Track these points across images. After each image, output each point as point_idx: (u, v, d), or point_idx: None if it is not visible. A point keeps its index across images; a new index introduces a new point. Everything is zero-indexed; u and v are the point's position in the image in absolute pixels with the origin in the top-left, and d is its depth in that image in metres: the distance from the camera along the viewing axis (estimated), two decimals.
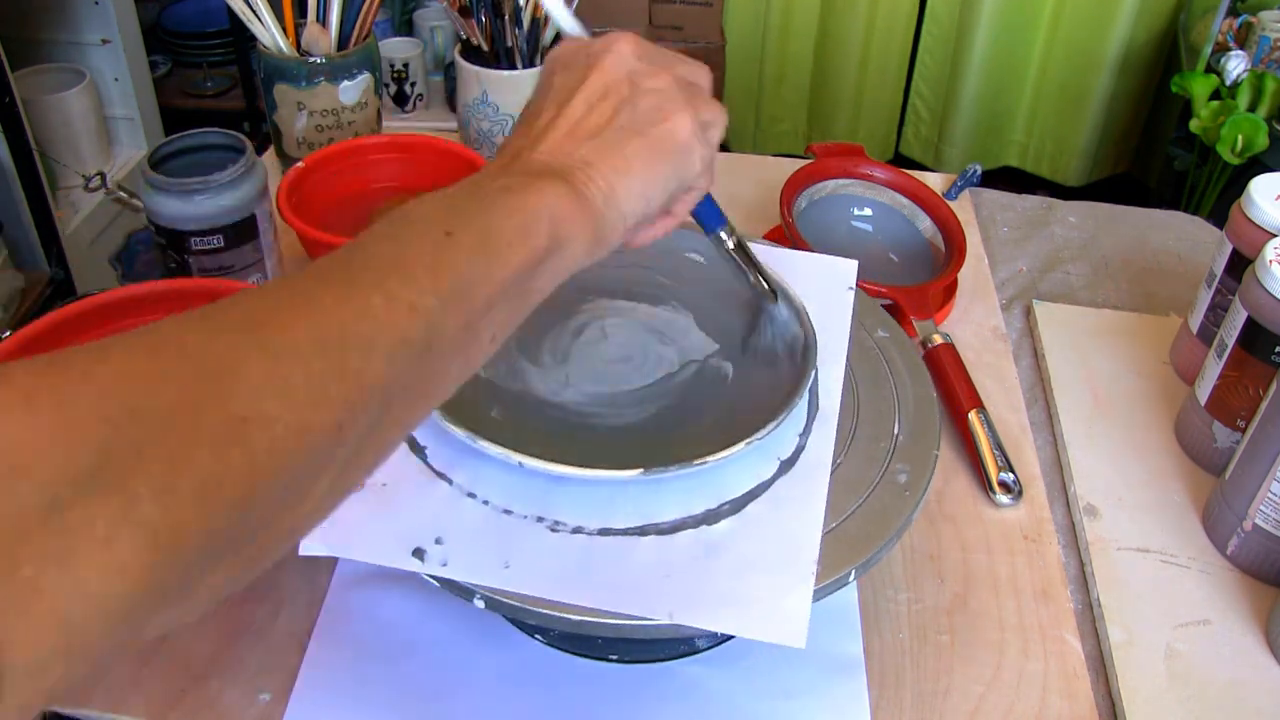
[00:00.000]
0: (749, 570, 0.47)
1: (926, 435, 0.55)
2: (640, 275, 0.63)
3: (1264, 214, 0.67)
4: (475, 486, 0.50)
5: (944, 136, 2.44)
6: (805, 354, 0.55)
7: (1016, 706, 0.55)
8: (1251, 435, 0.59)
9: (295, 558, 0.60)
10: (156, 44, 2.29)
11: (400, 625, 0.57)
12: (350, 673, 0.54)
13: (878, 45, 2.35)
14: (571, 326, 0.60)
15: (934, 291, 0.78)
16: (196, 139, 0.77)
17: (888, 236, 0.87)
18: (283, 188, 0.79)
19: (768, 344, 0.58)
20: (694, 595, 0.45)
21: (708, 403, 0.56)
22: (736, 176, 1.00)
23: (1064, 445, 0.71)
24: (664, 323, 0.61)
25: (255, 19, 0.87)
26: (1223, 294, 0.71)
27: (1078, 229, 0.95)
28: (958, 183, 0.96)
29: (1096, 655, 0.58)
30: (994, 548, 0.63)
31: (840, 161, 0.87)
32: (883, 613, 0.59)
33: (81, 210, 1.86)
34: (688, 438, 0.52)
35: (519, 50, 0.89)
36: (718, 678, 0.55)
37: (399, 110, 1.97)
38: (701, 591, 0.46)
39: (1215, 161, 1.80)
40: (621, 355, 0.59)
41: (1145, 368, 0.77)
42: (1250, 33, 1.87)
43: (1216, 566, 0.62)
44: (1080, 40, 2.23)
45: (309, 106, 0.88)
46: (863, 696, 0.54)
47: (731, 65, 2.34)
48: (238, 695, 0.54)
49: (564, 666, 0.55)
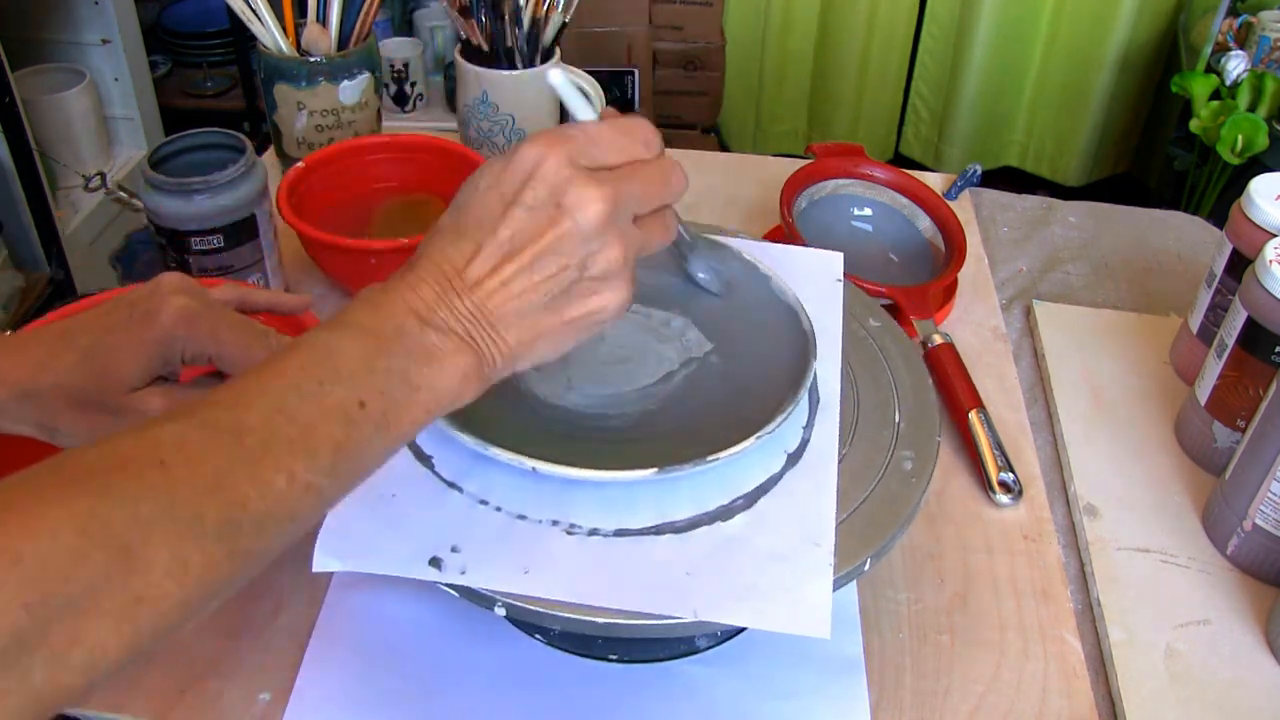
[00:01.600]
0: (767, 563, 0.47)
1: (927, 420, 0.55)
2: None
3: (1264, 214, 0.67)
4: (487, 494, 0.49)
5: (944, 136, 2.44)
6: (805, 346, 0.55)
7: (1016, 706, 0.55)
8: (1251, 435, 0.59)
9: (295, 558, 0.60)
10: (156, 44, 2.29)
11: (400, 625, 0.57)
12: (350, 673, 0.54)
13: (878, 45, 2.35)
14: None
15: (934, 291, 0.78)
16: (196, 139, 0.77)
17: (888, 236, 0.87)
18: (283, 188, 0.79)
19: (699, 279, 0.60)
20: (716, 591, 0.46)
21: (710, 399, 0.56)
22: (736, 176, 1.00)
23: (1064, 445, 0.71)
24: (659, 322, 0.61)
25: (255, 19, 0.87)
26: (1223, 294, 0.71)
27: (1078, 229, 0.95)
28: (958, 183, 0.96)
29: (1096, 655, 0.58)
30: (994, 548, 0.63)
31: (840, 161, 0.87)
32: (883, 613, 0.59)
33: (81, 210, 1.86)
34: (695, 434, 0.52)
35: (519, 50, 0.89)
36: (718, 678, 0.55)
37: (399, 110, 1.97)
38: (723, 587, 0.46)
39: (1215, 161, 1.80)
40: (621, 356, 0.59)
41: (1145, 368, 0.77)
42: (1250, 33, 1.87)
43: (1216, 566, 0.62)
44: (1080, 40, 2.23)
45: (309, 106, 0.88)
46: (863, 696, 0.54)
47: (731, 65, 2.34)
48: (238, 695, 0.54)
49: (564, 666, 0.55)
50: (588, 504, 0.49)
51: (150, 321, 0.47)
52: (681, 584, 0.46)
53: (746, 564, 0.47)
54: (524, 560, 0.46)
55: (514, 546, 0.47)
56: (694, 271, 0.60)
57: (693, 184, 1.06)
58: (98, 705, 0.53)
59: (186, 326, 0.48)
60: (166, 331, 0.47)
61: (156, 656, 0.55)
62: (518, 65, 0.89)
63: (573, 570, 0.46)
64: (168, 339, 0.47)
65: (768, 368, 0.56)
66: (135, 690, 0.54)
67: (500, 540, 0.47)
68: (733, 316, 0.60)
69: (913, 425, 0.55)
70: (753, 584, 0.46)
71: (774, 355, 0.57)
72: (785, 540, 0.48)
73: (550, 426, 0.54)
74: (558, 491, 0.49)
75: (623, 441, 0.53)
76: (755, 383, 0.56)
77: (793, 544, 0.48)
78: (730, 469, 0.50)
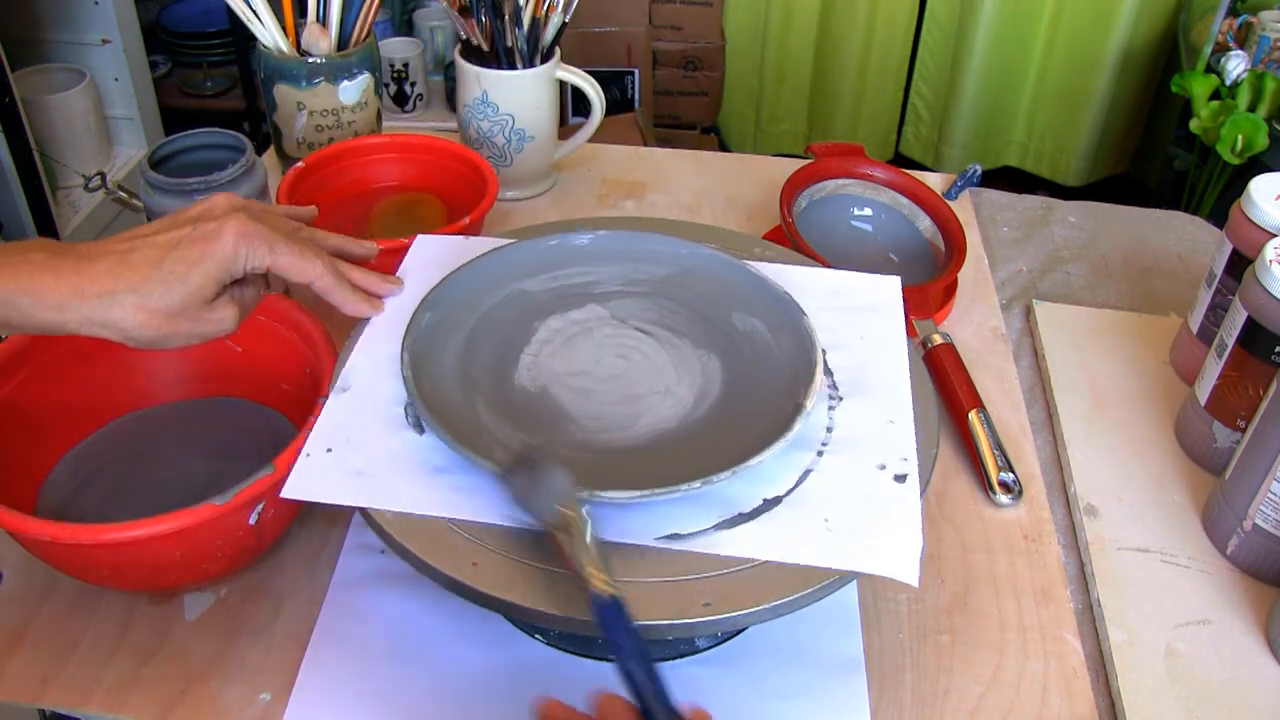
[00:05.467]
0: (850, 518, 0.49)
1: (927, 419, 0.55)
2: (620, 284, 0.64)
3: (1264, 214, 0.67)
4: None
5: (944, 136, 2.44)
6: (807, 343, 0.56)
7: (1016, 706, 0.55)
8: (1251, 435, 0.59)
9: (295, 558, 0.60)
10: (156, 44, 2.29)
11: (400, 625, 0.57)
12: (350, 673, 0.54)
13: (878, 45, 2.35)
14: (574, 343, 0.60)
15: (934, 291, 0.78)
16: (196, 139, 0.77)
17: (888, 236, 0.87)
18: (283, 188, 0.79)
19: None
20: (813, 547, 0.47)
21: (723, 394, 0.56)
22: (736, 176, 1.00)
23: (1064, 445, 0.71)
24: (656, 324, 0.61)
25: (255, 19, 0.87)
26: (1223, 294, 0.71)
27: (1078, 229, 0.95)
28: (958, 183, 0.96)
29: (1096, 655, 0.58)
30: (994, 548, 0.63)
31: (840, 161, 0.87)
32: (883, 613, 0.59)
33: (81, 210, 1.86)
34: (727, 428, 0.53)
35: (519, 50, 0.89)
36: (718, 678, 0.55)
37: (399, 110, 1.97)
38: (820, 543, 0.48)
39: (1215, 161, 1.80)
40: (622, 366, 0.59)
41: (1145, 368, 0.77)
42: (1250, 33, 1.87)
43: (1216, 566, 0.62)
44: (1080, 40, 2.23)
45: (309, 106, 0.88)
46: (863, 696, 0.54)
47: (731, 65, 2.34)
48: (238, 695, 0.54)
49: (564, 666, 0.55)
50: (646, 518, 0.49)
51: (214, 238, 0.51)
52: (784, 547, 0.47)
53: (829, 524, 0.49)
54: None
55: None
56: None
57: (693, 184, 1.07)
58: (98, 705, 0.53)
59: (246, 241, 0.52)
60: (229, 246, 0.52)
61: (156, 656, 0.55)
62: (518, 65, 0.89)
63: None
64: (231, 253, 0.52)
65: (767, 361, 0.57)
66: (135, 690, 0.54)
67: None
68: (722, 316, 0.61)
69: (914, 423, 0.55)
70: (846, 539, 0.48)
71: (770, 352, 0.58)
72: (859, 501, 0.50)
73: (582, 449, 0.54)
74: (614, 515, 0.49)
75: (654, 449, 0.54)
76: (761, 373, 0.57)
77: (871, 499, 0.50)
78: (775, 460, 0.51)
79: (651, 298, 0.63)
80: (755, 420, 0.53)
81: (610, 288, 0.64)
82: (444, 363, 0.57)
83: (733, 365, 0.58)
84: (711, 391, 0.57)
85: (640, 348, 0.60)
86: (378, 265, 0.76)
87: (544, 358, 0.59)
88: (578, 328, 0.61)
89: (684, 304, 0.62)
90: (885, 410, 0.55)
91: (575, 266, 0.64)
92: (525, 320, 0.61)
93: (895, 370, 0.57)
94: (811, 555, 0.47)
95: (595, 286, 0.63)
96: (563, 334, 0.61)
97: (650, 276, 0.64)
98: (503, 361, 0.59)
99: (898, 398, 0.56)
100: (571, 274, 0.64)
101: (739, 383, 0.57)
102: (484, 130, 0.91)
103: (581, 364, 0.59)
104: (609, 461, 0.53)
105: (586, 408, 0.56)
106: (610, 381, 0.58)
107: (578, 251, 0.64)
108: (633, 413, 0.56)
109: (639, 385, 0.58)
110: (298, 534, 0.62)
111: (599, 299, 0.63)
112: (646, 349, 0.60)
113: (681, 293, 0.63)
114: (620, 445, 0.54)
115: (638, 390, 0.57)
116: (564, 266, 0.64)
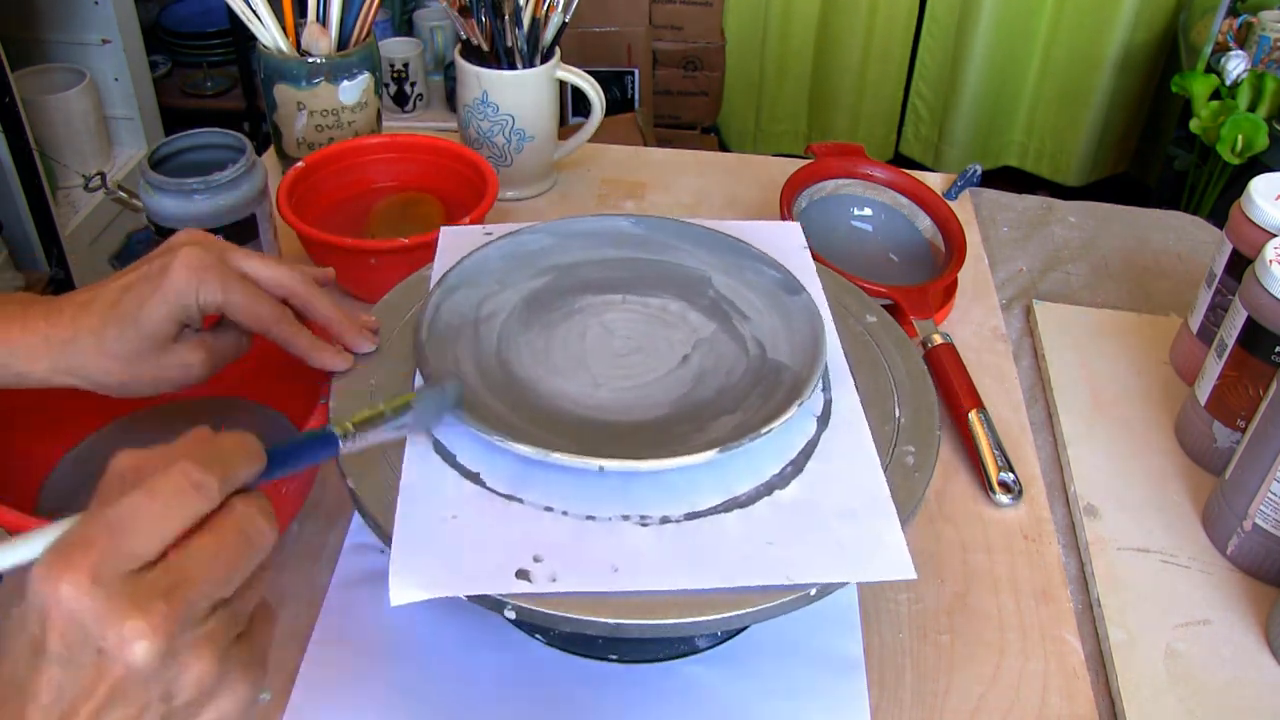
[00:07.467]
0: (835, 521, 0.48)
1: (926, 413, 0.56)
2: (616, 268, 0.64)
3: (1264, 214, 0.67)
4: (550, 500, 0.49)
5: (944, 136, 2.44)
6: (809, 310, 0.57)
7: (1016, 706, 0.55)
8: (1251, 435, 0.59)
9: (295, 558, 0.60)
10: (156, 44, 2.29)
11: (400, 625, 0.57)
12: (350, 673, 0.54)
13: (878, 45, 2.35)
14: (575, 331, 0.60)
15: (934, 291, 0.78)
16: (196, 139, 0.77)
17: (888, 236, 0.87)
18: (283, 188, 0.79)
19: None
20: (802, 555, 0.47)
21: (729, 375, 0.57)
22: (736, 176, 1.00)
23: (1064, 445, 0.71)
24: (656, 309, 0.61)
25: (255, 19, 0.87)
26: (1223, 294, 0.71)
27: (1078, 229, 0.95)
28: (958, 183, 0.96)
29: (1096, 655, 0.58)
30: (994, 548, 0.63)
31: (840, 161, 0.87)
32: (883, 613, 0.59)
33: (81, 210, 1.86)
34: (730, 409, 0.53)
35: (519, 50, 0.89)
36: (718, 678, 0.55)
37: (399, 110, 1.97)
38: (807, 550, 0.47)
39: (1215, 161, 1.80)
40: (633, 347, 0.59)
41: (1145, 368, 0.77)
42: (1250, 33, 1.87)
43: (1216, 566, 0.62)
44: (1080, 40, 2.23)
45: (309, 106, 0.88)
46: (863, 696, 0.54)
47: (731, 65, 2.34)
48: None
49: (564, 666, 0.55)
50: (650, 494, 0.49)
51: (163, 274, 0.49)
52: (767, 554, 0.47)
53: (818, 525, 0.48)
54: (609, 558, 0.46)
55: (594, 546, 0.47)
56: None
57: (693, 184, 1.07)
58: None
59: (197, 275, 0.49)
60: (180, 281, 0.49)
61: None
62: (518, 65, 0.89)
63: (658, 560, 0.46)
64: (182, 288, 0.49)
65: (776, 337, 0.58)
66: None
67: (578, 542, 0.47)
68: (721, 296, 0.61)
69: (913, 419, 0.55)
70: (833, 541, 0.47)
71: (779, 325, 0.58)
72: (843, 497, 0.49)
73: (587, 425, 0.54)
74: (620, 487, 0.49)
75: (663, 428, 0.53)
76: (769, 352, 0.57)
77: (851, 499, 0.49)
78: (773, 437, 0.51)
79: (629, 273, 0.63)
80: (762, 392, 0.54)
81: (600, 273, 0.64)
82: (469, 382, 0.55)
83: (727, 335, 0.59)
84: (713, 368, 0.57)
85: (637, 325, 0.60)
86: (380, 266, 0.76)
87: (548, 348, 0.59)
88: (581, 314, 0.61)
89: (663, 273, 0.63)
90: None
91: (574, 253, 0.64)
92: (525, 319, 0.61)
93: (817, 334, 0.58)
94: (804, 574, 0.47)
95: (592, 272, 0.63)
96: (567, 323, 0.61)
97: (629, 257, 0.64)
98: (506, 362, 0.58)
99: (835, 366, 0.57)
100: (570, 262, 0.64)
101: (735, 357, 0.58)
102: (484, 130, 0.91)
103: (583, 347, 0.59)
104: (618, 434, 0.53)
105: (593, 395, 0.56)
106: (613, 361, 0.58)
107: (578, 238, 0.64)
108: (635, 394, 0.56)
109: (641, 365, 0.58)
110: (298, 534, 0.62)
111: (601, 288, 0.63)
112: (643, 327, 0.60)
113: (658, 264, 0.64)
114: (626, 423, 0.54)
115: (640, 370, 0.57)
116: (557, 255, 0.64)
